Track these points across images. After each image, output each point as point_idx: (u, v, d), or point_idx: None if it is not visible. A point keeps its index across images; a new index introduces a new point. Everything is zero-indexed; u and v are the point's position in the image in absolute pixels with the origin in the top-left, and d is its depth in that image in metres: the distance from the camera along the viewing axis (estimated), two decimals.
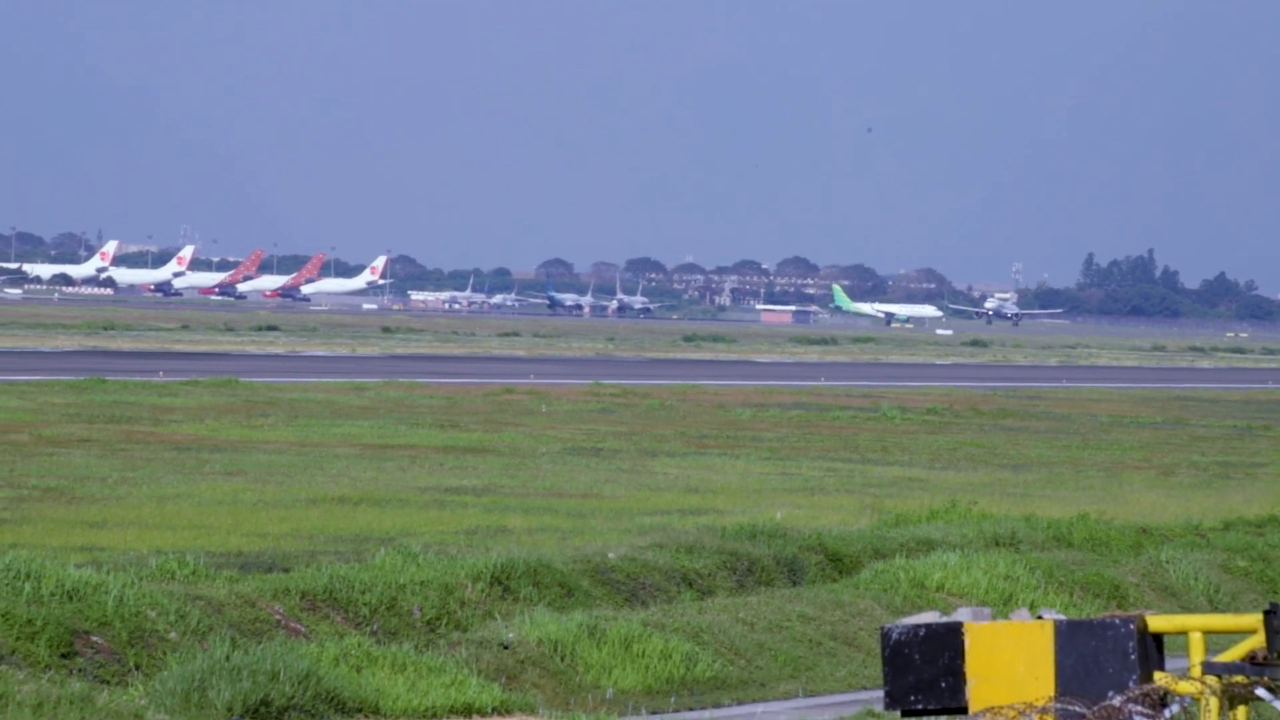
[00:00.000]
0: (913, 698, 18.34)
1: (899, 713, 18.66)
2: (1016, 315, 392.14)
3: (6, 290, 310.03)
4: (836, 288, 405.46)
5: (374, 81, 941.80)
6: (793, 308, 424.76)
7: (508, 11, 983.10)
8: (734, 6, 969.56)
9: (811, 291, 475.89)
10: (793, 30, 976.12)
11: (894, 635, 18.33)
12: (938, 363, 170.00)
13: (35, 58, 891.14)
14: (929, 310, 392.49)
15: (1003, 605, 35.05)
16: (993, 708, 17.88)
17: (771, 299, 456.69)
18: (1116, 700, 17.19)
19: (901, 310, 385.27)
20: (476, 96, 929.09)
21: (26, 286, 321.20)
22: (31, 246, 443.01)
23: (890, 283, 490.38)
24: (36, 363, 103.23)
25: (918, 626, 18.40)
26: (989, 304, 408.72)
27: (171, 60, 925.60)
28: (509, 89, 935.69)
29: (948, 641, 18.26)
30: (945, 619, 18.43)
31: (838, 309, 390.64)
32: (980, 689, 18.25)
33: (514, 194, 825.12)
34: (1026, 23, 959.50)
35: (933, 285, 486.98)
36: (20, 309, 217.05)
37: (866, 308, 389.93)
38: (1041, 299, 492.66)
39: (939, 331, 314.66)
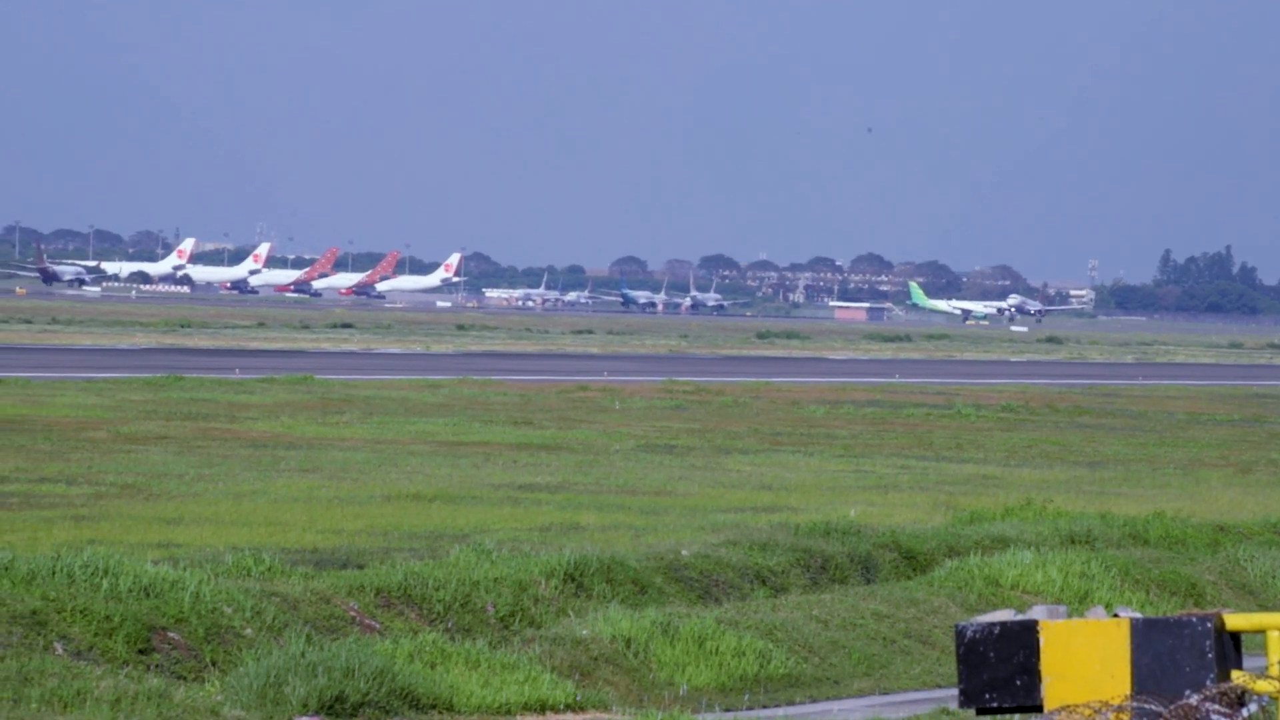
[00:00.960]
0: (987, 695, 18.27)
1: (974, 711, 18.60)
2: (1040, 312, 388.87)
3: (85, 288, 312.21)
4: (913, 285, 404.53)
5: (449, 80, 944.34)
6: (866, 305, 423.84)
7: (579, 7, 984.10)
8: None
9: (885, 288, 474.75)
10: (872, 26, 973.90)
11: (969, 633, 18.26)
12: (1012, 360, 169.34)
13: (109, 60, 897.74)
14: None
15: (1078, 603, 34.89)
16: (1068, 706, 17.80)
17: (845, 296, 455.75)
18: (1193, 699, 17.08)
19: (979, 307, 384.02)
20: (552, 94, 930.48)
21: (105, 284, 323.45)
22: (109, 244, 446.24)
23: (964, 280, 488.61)
24: (115, 360, 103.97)
25: (993, 624, 18.33)
26: (1010, 300, 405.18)
27: (247, 60, 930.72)
28: (584, 86, 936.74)
29: (1023, 639, 18.19)
30: (1020, 617, 18.36)
31: (914, 306, 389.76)
32: (1055, 687, 18.17)
33: (588, 192, 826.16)
34: (1107, 16, 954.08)
35: (1007, 282, 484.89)
36: (99, 307, 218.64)
37: (943, 305, 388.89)
38: (1117, 296, 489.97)
39: (1013, 328, 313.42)
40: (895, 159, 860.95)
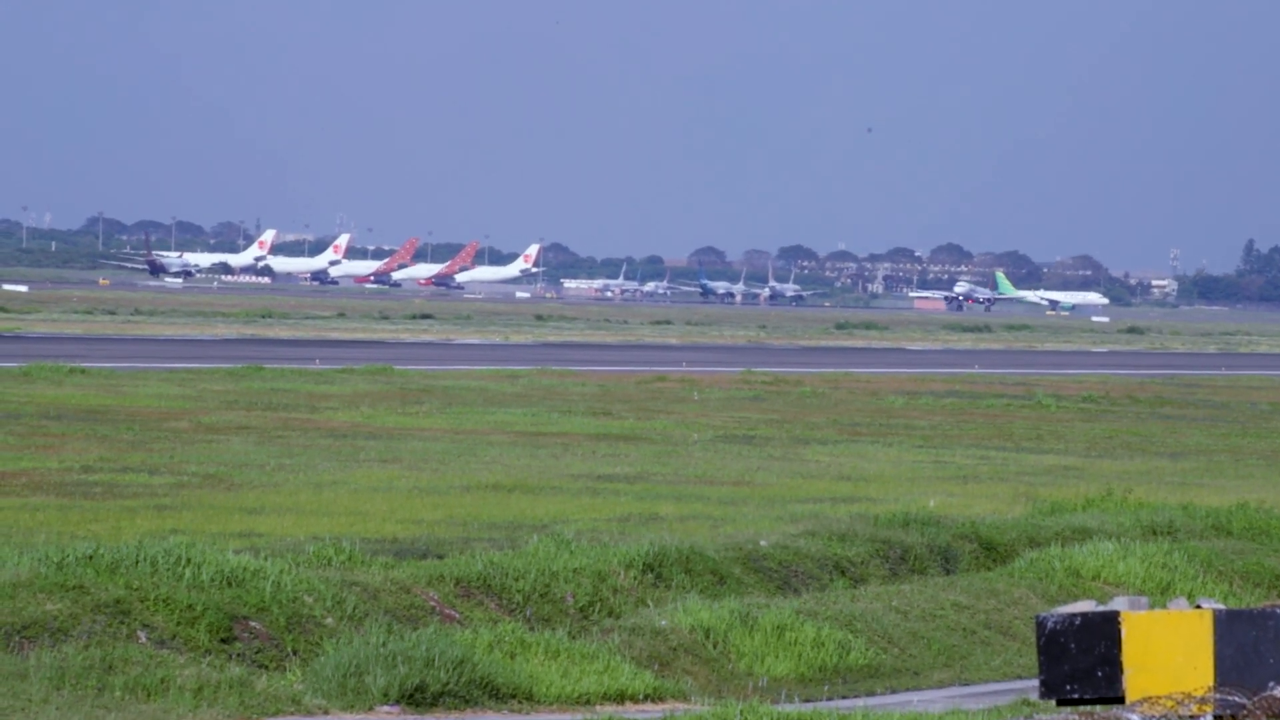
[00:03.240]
0: (1068, 687, 18.20)
1: (1055, 702, 18.52)
2: (989, 301, 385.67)
3: (168, 279, 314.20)
4: (999, 275, 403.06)
5: (529, 70, 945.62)
6: (946, 294, 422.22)
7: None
8: None
9: (965, 278, 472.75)
10: (954, 17, 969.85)
11: (1049, 624, 18.19)
12: (1093, 350, 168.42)
13: (191, 53, 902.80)
14: (1093, 297, 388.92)
15: (1160, 594, 34.68)
16: (1150, 697, 17.70)
17: (924, 286, 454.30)
18: (1277, 690, 16.96)
19: (1065, 298, 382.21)
20: (630, 85, 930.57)
21: (169, 275, 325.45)
22: (191, 235, 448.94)
23: (1045, 270, 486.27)
24: (197, 350, 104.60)
25: (1073, 615, 18.25)
26: (959, 288, 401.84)
27: (328, 48, 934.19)
28: (661, 77, 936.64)
29: (1104, 630, 18.10)
30: (1101, 608, 18.27)
31: (1001, 296, 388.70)
32: (1137, 678, 18.08)
33: (666, 182, 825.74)
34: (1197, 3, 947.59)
35: (1089, 272, 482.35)
36: (181, 298, 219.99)
37: (1030, 294, 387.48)
38: (1200, 286, 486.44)
39: (1094, 319, 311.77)
40: (975, 149, 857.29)
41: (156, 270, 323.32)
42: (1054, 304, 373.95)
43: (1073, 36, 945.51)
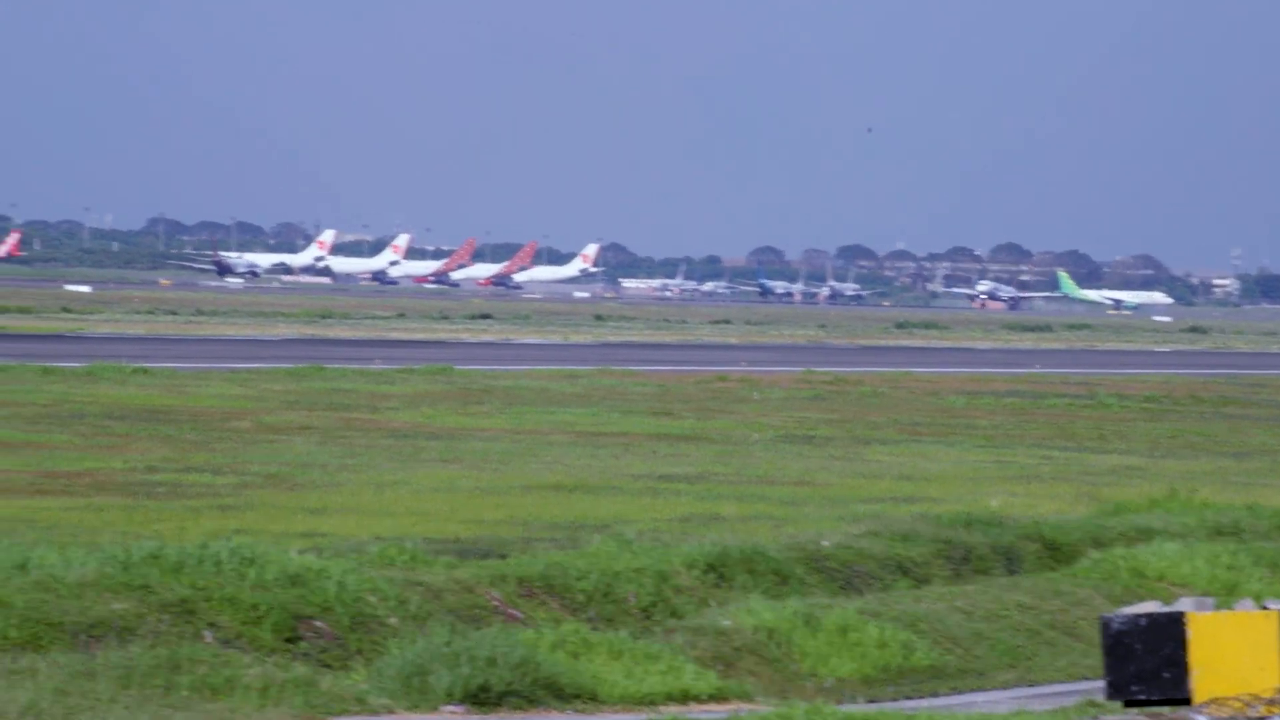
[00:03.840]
0: (1134, 688, 18.12)
1: (1120, 703, 18.44)
2: (1014, 299, 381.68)
3: (230, 279, 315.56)
4: (1062, 274, 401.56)
5: (587, 71, 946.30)
6: (969, 293, 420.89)
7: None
8: None
9: (1025, 278, 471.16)
10: (1032, 22, 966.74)
11: (1114, 625, 18.12)
12: (1156, 349, 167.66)
13: (249, 50, 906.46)
14: (1158, 297, 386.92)
15: (1226, 595, 34.46)
16: (1217, 698, 17.61)
17: None
18: None
19: (1130, 297, 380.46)
20: (688, 85, 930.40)
21: (236, 275, 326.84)
22: (251, 236, 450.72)
23: (1106, 269, 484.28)
24: (258, 351, 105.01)
25: (1139, 616, 18.17)
26: (981, 287, 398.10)
27: (384, 51, 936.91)
28: (719, 78, 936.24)
29: (1170, 631, 18.02)
30: (1167, 609, 18.18)
31: (1064, 296, 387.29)
32: (1204, 679, 17.99)
33: (725, 182, 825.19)
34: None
35: (1150, 271, 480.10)
36: (242, 298, 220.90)
37: (1093, 294, 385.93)
38: (1263, 285, 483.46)
39: (1156, 318, 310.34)
40: (1036, 147, 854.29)
41: (224, 271, 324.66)
42: (1118, 303, 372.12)
43: (1139, 37, 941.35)
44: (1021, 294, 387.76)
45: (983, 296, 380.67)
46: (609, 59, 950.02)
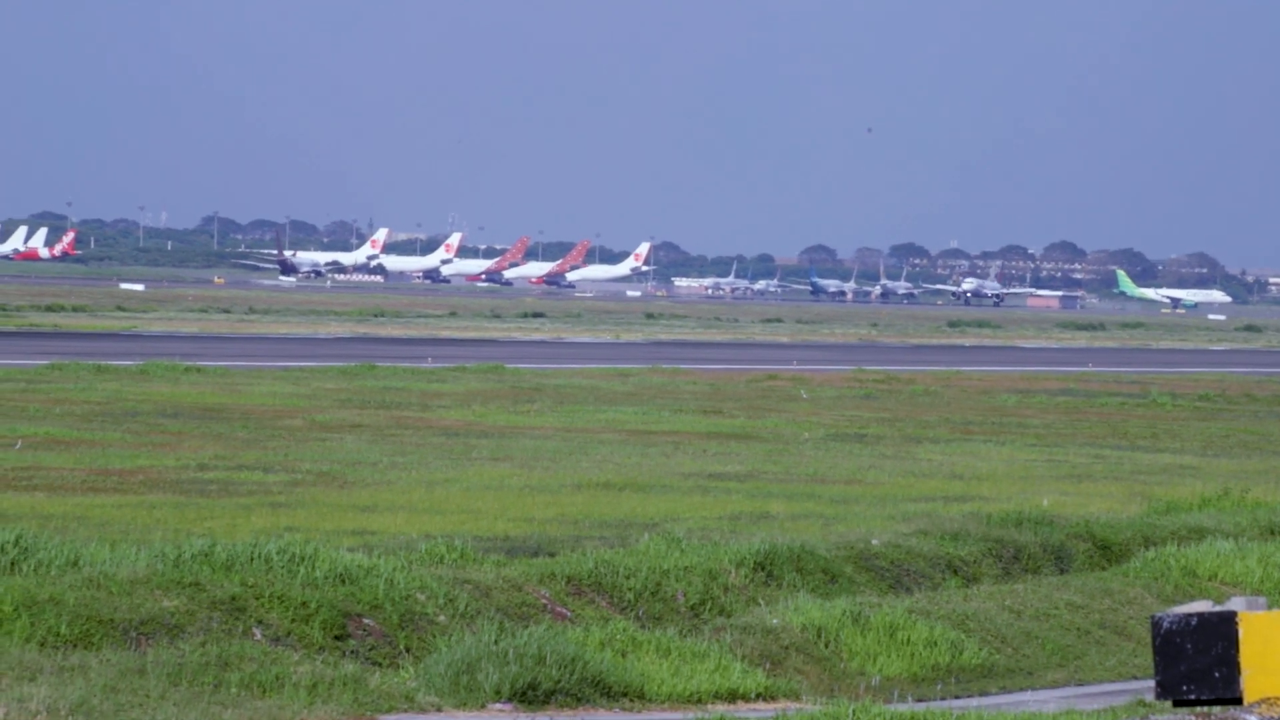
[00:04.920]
0: (1185, 687, 18.03)
1: (1171, 702, 18.36)
2: (998, 296, 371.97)
3: (283, 278, 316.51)
4: (1120, 273, 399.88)
5: (639, 70, 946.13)
6: (1059, 293, 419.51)
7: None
8: None
9: (1079, 276, 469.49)
10: (1070, 17, 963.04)
11: (1165, 624, 18.03)
12: (1211, 348, 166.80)
13: (302, 52, 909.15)
14: (1216, 295, 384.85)
15: (1278, 595, 34.29)
16: (1268, 698, 17.51)
17: (1037, 284, 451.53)
18: None
19: (1188, 295, 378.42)
20: (739, 84, 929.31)
21: (299, 274, 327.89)
22: (305, 234, 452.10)
23: (1160, 267, 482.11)
24: (310, 349, 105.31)
25: (1190, 615, 18.08)
26: (966, 284, 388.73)
27: (440, 53, 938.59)
28: (770, 78, 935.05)
29: (1221, 631, 17.92)
30: (1218, 608, 18.09)
31: (1121, 294, 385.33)
32: (1256, 679, 17.88)
33: (777, 180, 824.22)
34: None
35: (1205, 270, 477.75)
36: (294, 296, 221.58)
37: (1151, 293, 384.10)
38: None
39: (1211, 316, 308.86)
40: (1089, 145, 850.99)
41: (288, 270, 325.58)
42: (1176, 302, 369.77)
43: (1184, 32, 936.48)
44: (1007, 290, 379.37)
45: (967, 293, 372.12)
46: (662, 60, 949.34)
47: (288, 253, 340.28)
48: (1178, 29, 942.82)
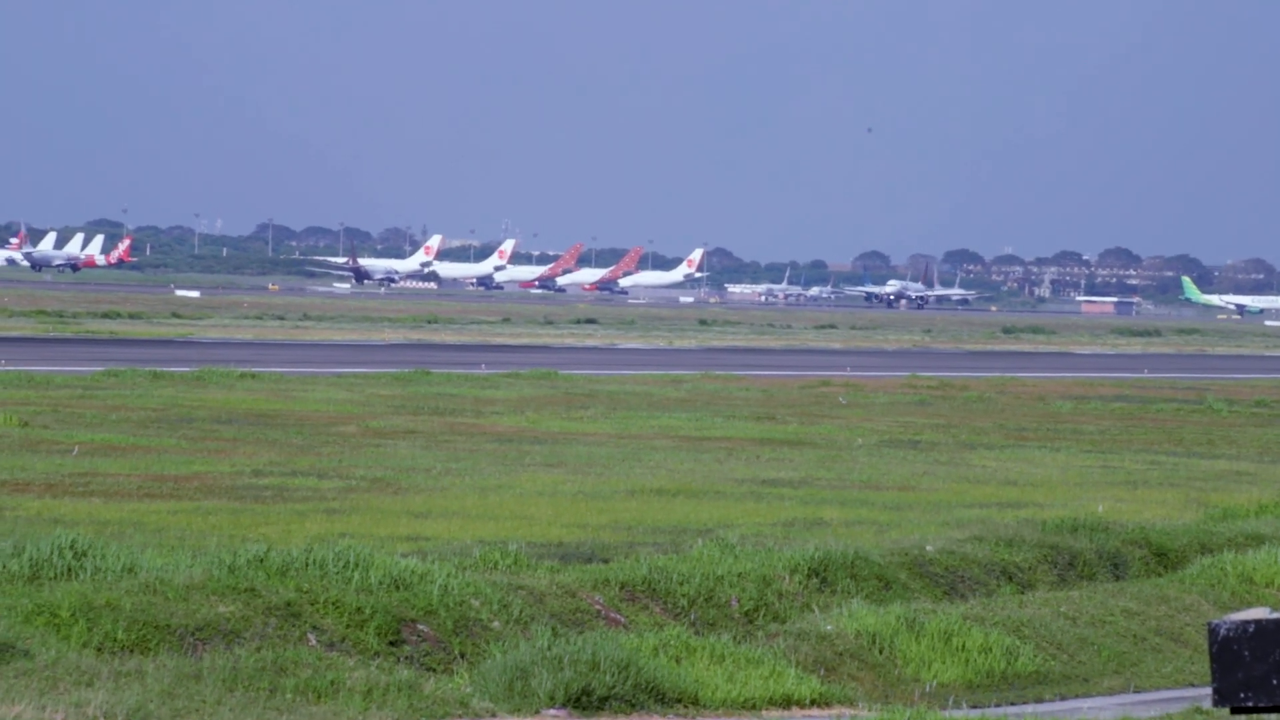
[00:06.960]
0: (1242, 695, 17.92)
1: (1228, 710, 18.25)
2: (922, 299, 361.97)
3: (335, 284, 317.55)
4: (1186, 280, 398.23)
5: (693, 77, 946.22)
6: (1114, 299, 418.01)
7: (830, 5, 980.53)
8: None
9: (1134, 282, 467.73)
10: (1113, 19, 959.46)
11: (1222, 631, 17.92)
12: (1268, 354, 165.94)
13: (354, 59, 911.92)
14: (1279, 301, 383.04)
15: None
16: None
17: (1092, 290, 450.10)
18: None
19: (1251, 301, 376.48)
20: (792, 92, 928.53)
21: (354, 281, 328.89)
22: (359, 241, 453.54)
23: (1216, 274, 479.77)
24: (364, 355, 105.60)
25: (1247, 622, 17.97)
26: (889, 287, 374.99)
27: (494, 61, 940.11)
28: (823, 84, 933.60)
29: (1279, 638, 17.80)
30: (1276, 615, 17.98)
31: (1186, 300, 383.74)
32: None
33: (830, 186, 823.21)
34: None
35: (1260, 276, 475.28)
36: (349, 303, 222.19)
37: (1215, 299, 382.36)
38: None
39: (1268, 323, 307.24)
40: (1143, 152, 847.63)
41: (361, 277, 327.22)
42: (1241, 308, 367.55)
43: (1242, 37, 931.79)
44: (940, 291, 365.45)
45: (890, 296, 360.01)
46: (716, 68, 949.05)
47: (363, 260, 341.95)
48: (1233, 38, 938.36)
